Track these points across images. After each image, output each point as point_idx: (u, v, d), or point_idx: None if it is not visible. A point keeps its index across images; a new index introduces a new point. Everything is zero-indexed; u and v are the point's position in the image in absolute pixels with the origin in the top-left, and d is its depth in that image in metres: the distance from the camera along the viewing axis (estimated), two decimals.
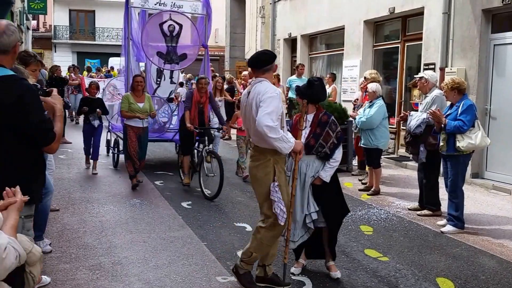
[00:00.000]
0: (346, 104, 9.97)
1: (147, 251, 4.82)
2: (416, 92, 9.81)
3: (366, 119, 7.26)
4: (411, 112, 6.46)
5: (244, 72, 13.68)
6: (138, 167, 7.58)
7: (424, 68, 9.21)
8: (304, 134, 4.08)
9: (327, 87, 10.67)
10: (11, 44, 2.79)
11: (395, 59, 11.11)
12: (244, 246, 4.92)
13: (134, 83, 7.63)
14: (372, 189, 7.47)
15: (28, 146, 2.83)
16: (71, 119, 16.29)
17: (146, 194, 7.19)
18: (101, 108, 8.67)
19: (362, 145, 7.57)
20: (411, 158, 6.83)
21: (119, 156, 9.07)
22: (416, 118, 6.08)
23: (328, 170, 4.11)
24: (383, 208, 6.67)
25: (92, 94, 8.83)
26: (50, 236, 5.10)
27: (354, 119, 7.93)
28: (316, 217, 4.08)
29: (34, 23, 30.06)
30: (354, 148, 8.88)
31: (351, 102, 9.52)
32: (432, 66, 9.17)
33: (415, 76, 8.13)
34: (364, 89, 8.22)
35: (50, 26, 34.15)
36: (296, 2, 15.03)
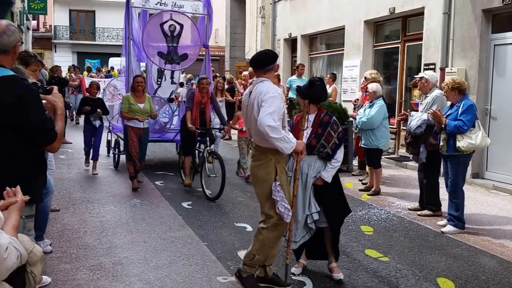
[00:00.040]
0: (346, 104, 9.96)
1: (147, 251, 4.82)
2: (416, 92, 9.80)
3: (367, 119, 7.26)
4: (412, 112, 6.44)
5: (245, 72, 13.67)
6: (138, 167, 7.57)
7: (424, 68, 9.21)
8: (306, 134, 4.08)
9: (328, 87, 10.64)
10: (11, 44, 2.79)
11: (396, 59, 11.11)
12: (245, 246, 4.94)
13: (135, 84, 7.59)
14: (373, 189, 7.47)
15: (28, 146, 2.83)
16: (71, 119, 16.28)
17: (146, 194, 7.18)
18: (101, 108, 8.64)
19: (362, 145, 7.57)
20: (411, 158, 6.83)
21: (120, 157, 9.06)
22: (416, 118, 6.07)
23: (329, 171, 4.11)
24: (383, 208, 6.67)
25: (93, 94, 8.80)
26: (51, 236, 5.10)
27: (355, 119, 7.93)
28: (317, 217, 4.08)
29: (34, 23, 30.08)
30: (354, 148, 8.88)
31: (351, 102, 9.52)
32: (433, 66, 9.17)
33: (416, 76, 8.13)
34: (364, 89, 8.22)
35: (50, 26, 34.16)
36: (296, 2, 15.03)
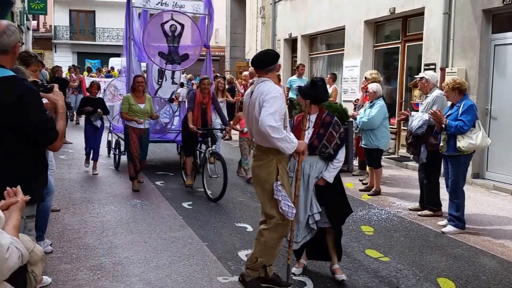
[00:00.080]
0: (346, 105, 9.96)
1: (148, 252, 4.82)
2: (416, 92, 9.80)
3: (367, 120, 7.26)
4: (412, 113, 6.43)
5: (245, 73, 13.65)
6: (139, 168, 7.56)
7: (424, 68, 9.21)
8: (307, 134, 4.07)
9: (328, 87, 10.62)
10: (11, 44, 2.79)
11: (396, 59, 11.10)
12: (245, 246, 4.95)
13: (135, 84, 7.56)
14: (373, 189, 7.47)
15: (28, 146, 2.83)
16: (71, 119, 16.27)
17: (146, 195, 7.18)
18: (102, 108, 8.63)
19: (362, 145, 7.57)
20: (411, 159, 6.83)
21: (120, 157, 9.06)
22: (417, 118, 6.06)
23: (331, 171, 4.11)
24: (384, 209, 6.67)
25: (93, 94, 8.79)
26: (51, 236, 5.10)
27: (355, 119, 7.93)
28: (319, 218, 4.07)
29: (34, 23, 30.11)
30: (355, 148, 8.88)
31: (352, 102, 9.52)
32: (433, 66, 9.17)
33: (416, 76, 8.12)
34: (364, 89, 8.22)
35: (50, 26, 34.18)
36: (296, 2, 15.03)
